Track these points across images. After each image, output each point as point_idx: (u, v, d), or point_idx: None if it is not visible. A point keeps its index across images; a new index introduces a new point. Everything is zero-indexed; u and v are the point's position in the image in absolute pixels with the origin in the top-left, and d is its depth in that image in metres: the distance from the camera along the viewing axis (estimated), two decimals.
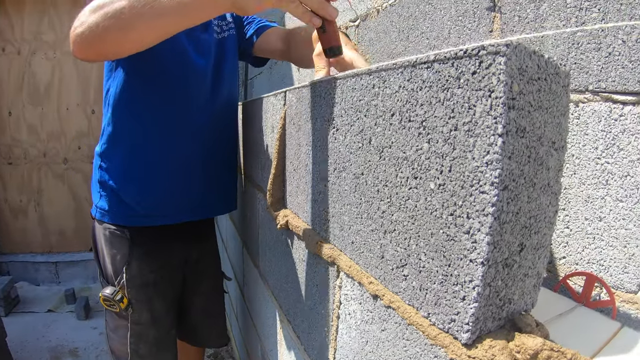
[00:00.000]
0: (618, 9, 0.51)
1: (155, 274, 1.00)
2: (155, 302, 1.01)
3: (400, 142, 0.35)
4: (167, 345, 1.07)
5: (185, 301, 1.17)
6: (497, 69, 0.25)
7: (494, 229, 0.27)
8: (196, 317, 1.21)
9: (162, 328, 1.04)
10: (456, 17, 0.70)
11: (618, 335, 0.42)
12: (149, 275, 0.99)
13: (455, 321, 0.30)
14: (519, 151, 0.27)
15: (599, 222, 0.52)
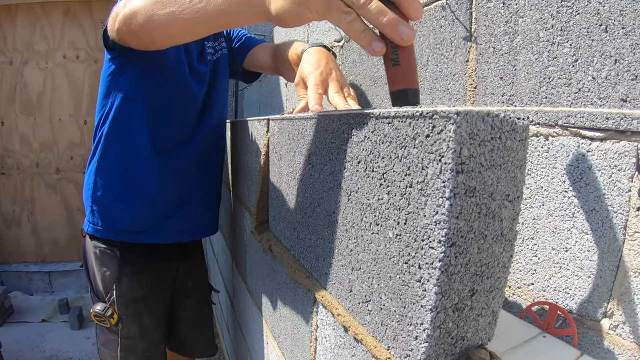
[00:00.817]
0: (589, 45, 0.53)
1: (144, 291, 1.02)
2: (145, 317, 1.03)
3: (364, 189, 0.37)
4: (156, 359, 1.09)
5: (173, 315, 1.19)
6: (447, 135, 0.28)
7: (442, 280, 0.29)
8: (184, 330, 1.23)
9: (151, 342, 1.06)
10: (434, 45, 0.72)
11: None
12: (138, 291, 1.01)
13: (409, 356, 0.33)
14: (467, 210, 0.29)
15: (565, 252, 0.54)
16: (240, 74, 1.16)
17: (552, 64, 0.54)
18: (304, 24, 0.51)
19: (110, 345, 1.01)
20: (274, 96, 1.65)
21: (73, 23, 2.84)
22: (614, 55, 0.50)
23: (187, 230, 1.09)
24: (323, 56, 0.73)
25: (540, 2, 0.55)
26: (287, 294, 0.65)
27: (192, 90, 0.97)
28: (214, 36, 1.06)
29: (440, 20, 0.69)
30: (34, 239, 2.95)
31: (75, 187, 2.94)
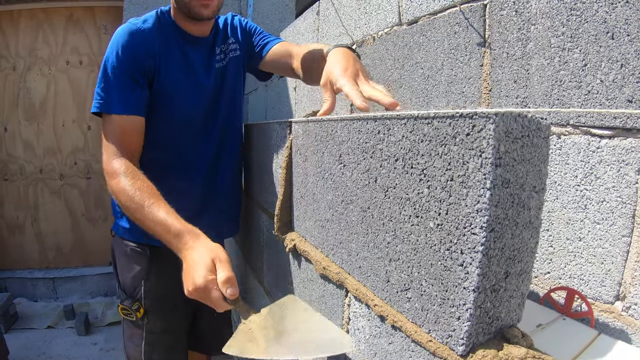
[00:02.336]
0: (597, 51, 0.57)
1: (171, 288, 1.05)
2: (170, 313, 1.07)
3: (403, 185, 0.41)
4: (178, 353, 1.13)
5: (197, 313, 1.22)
6: (487, 133, 0.31)
7: (483, 263, 0.33)
8: (204, 326, 1.26)
9: (174, 337, 1.10)
10: (449, 50, 0.76)
11: (595, 342, 0.48)
12: (165, 289, 1.05)
13: (452, 336, 0.36)
14: (504, 199, 0.33)
15: (579, 241, 0.58)
16: (257, 71, 1.16)
17: (563, 68, 0.58)
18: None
19: (135, 339, 1.05)
20: (281, 100, 1.69)
21: (76, 29, 2.86)
22: (620, 60, 0.54)
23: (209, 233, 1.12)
24: (350, 57, 0.75)
25: (552, 11, 0.59)
26: (315, 291, 0.68)
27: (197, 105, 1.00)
28: (223, 38, 1.06)
29: (454, 27, 0.73)
30: (38, 245, 2.95)
31: (80, 193, 2.95)
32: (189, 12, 0.90)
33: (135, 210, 0.79)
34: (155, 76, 0.91)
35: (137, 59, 0.87)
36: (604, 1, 0.56)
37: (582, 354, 0.45)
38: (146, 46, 0.88)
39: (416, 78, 0.83)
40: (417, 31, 0.83)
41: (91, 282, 2.92)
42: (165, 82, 0.93)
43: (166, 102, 0.94)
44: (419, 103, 0.82)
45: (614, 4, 0.55)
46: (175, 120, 0.98)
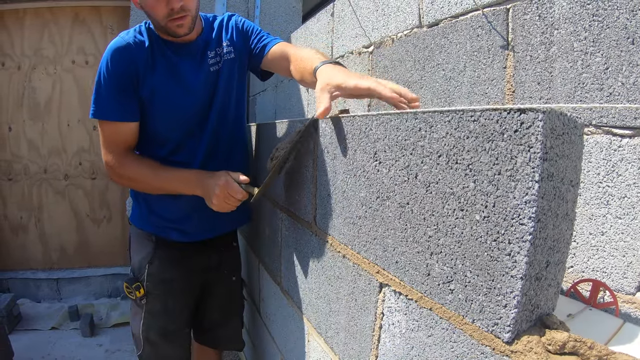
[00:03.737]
0: (619, 55, 0.60)
1: (172, 275, 1.14)
2: (169, 298, 1.14)
3: (447, 180, 0.43)
4: (177, 340, 1.19)
5: (203, 304, 1.27)
6: (535, 130, 0.33)
7: (530, 252, 0.35)
8: (212, 318, 1.30)
9: (172, 323, 1.16)
10: (471, 52, 0.79)
11: (621, 330, 0.50)
12: (166, 274, 1.13)
13: (498, 324, 0.38)
14: (548, 192, 0.35)
15: (601, 236, 0.60)
16: (258, 71, 1.18)
17: (586, 71, 0.61)
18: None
19: (136, 317, 1.15)
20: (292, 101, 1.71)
21: (82, 28, 2.87)
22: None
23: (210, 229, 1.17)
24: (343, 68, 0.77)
25: (574, 17, 0.62)
26: (342, 288, 0.70)
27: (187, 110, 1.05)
28: (217, 42, 1.08)
29: (477, 30, 0.75)
30: (41, 246, 2.94)
31: (84, 193, 2.95)
32: (167, 32, 0.96)
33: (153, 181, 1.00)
34: (139, 86, 0.98)
35: (124, 72, 0.95)
36: (625, 8, 0.59)
37: (612, 340, 0.48)
38: (130, 59, 0.96)
39: (437, 79, 0.85)
40: (438, 33, 0.85)
41: (95, 283, 2.91)
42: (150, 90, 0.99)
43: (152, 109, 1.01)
44: (441, 104, 0.84)
45: (635, 11, 0.58)
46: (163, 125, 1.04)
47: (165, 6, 0.89)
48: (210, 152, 1.09)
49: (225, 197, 0.92)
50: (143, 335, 1.14)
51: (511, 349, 0.37)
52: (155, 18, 0.93)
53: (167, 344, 1.17)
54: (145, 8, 0.92)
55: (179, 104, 1.02)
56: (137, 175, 1.00)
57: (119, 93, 0.96)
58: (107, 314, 2.68)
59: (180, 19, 0.92)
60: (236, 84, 1.11)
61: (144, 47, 0.98)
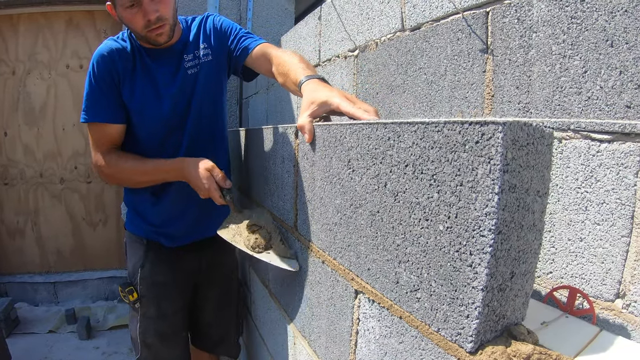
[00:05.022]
0: (597, 58, 0.59)
1: (164, 277, 1.16)
2: (163, 300, 1.16)
3: (413, 190, 0.42)
4: (173, 342, 1.20)
5: (197, 307, 1.28)
6: (495, 141, 0.33)
7: (491, 264, 0.34)
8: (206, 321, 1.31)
9: (167, 326, 1.18)
10: (452, 56, 0.78)
11: (597, 338, 0.50)
12: (158, 277, 1.15)
13: (461, 334, 0.38)
14: (510, 203, 0.35)
15: (580, 242, 0.60)
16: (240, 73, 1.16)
17: (564, 74, 0.60)
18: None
19: (133, 321, 1.17)
20: (283, 104, 1.70)
21: (76, 33, 2.87)
22: (619, 67, 0.56)
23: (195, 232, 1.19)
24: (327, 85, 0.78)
25: (553, 19, 0.61)
26: (322, 293, 0.70)
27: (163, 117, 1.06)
28: (194, 44, 1.08)
29: (457, 33, 0.75)
30: (38, 250, 2.94)
31: (80, 197, 2.95)
32: (147, 42, 1.00)
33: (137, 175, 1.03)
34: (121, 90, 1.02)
35: (106, 76, 1.00)
36: (604, 10, 0.58)
37: (585, 349, 0.47)
38: (111, 65, 1.00)
39: (419, 83, 0.84)
40: (420, 37, 0.85)
41: (92, 286, 2.92)
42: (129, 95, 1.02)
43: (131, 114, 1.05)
44: (423, 108, 0.84)
45: (613, 13, 0.57)
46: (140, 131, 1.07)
47: (143, 18, 0.92)
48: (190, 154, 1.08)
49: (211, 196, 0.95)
50: (140, 338, 1.16)
51: (475, 359, 0.37)
52: (134, 29, 0.96)
53: (164, 346, 1.18)
54: (124, 21, 0.95)
55: (154, 110, 1.05)
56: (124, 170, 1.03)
57: (103, 96, 1.00)
58: (104, 317, 2.68)
59: (158, 29, 0.95)
60: (214, 87, 1.12)
61: (126, 52, 1.01)
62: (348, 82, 1.13)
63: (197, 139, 1.11)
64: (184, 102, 1.07)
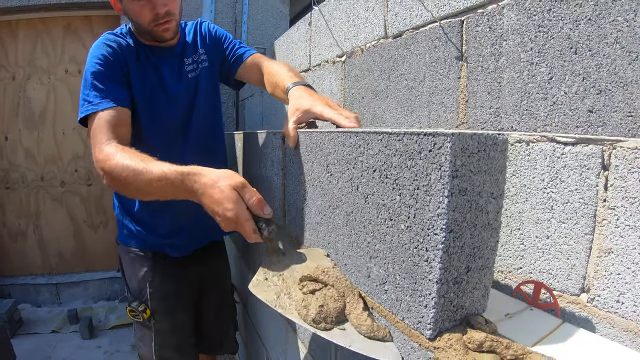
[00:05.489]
0: (562, 65, 0.63)
1: (174, 287, 1.13)
2: (176, 312, 1.14)
3: (380, 192, 0.46)
4: (188, 351, 1.19)
5: (199, 311, 1.29)
6: (445, 150, 0.37)
7: (444, 259, 0.38)
8: (208, 325, 1.32)
9: (182, 335, 1.16)
10: (430, 63, 0.82)
11: (558, 329, 0.53)
12: (169, 288, 1.11)
13: (421, 322, 0.42)
14: (461, 205, 0.38)
15: (547, 239, 0.64)
16: (231, 82, 1.19)
17: (531, 81, 0.64)
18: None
19: (145, 339, 1.12)
20: (277, 107, 1.74)
21: (74, 38, 2.91)
22: (582, 73, 0.60)
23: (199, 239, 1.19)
24: (312, 92, 0.81)
25: (521, 28, 0.65)
26: None
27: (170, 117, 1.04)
28: (193, 49, 1.09)
29: (434, 41, 0.78)
30: (40, 252, 2.99)
31: (81, 200, 3.00)
32: (152, 37, 0.97)
33: (134, 179, 0.76)
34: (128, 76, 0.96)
35: (115, 63, 0.93)
36: (569, 18, 0.62)
37: (545, 339, 0.51)
38: (121, 54, 0.95)
39: (401, 89, 0.88)
40: (401, 44, 0.88)
41: (94, 286, 2.96)
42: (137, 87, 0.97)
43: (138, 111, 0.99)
44: (404, 112, 0.87)
45: (578, 21, 0.61)
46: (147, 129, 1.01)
47: (151, 11, 0.91)
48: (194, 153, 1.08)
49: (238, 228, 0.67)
50: (157, 355, 1.11)
51: (434, 345, 0.41)
52: (141, 23, 0.93)
53: (181, 358, 1.16)
54: (129, 14, 0.93)
55: (163, 106, 1.03)
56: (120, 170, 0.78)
57: (112, 82, 0.91)
58: (106, 317, 2.72)
59: (166, 23, 0.94)
60: (212, 90, 1.14)
61: (130, 46, 0.98)
62: (336, 86, 1.17)
63: (200, 139, 1.10)
64: (188, 101, 1.07)
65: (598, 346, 0.49)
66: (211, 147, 1.16)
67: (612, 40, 0.56)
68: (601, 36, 0.58)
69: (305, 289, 0.57)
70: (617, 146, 0.56)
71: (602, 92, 0.58)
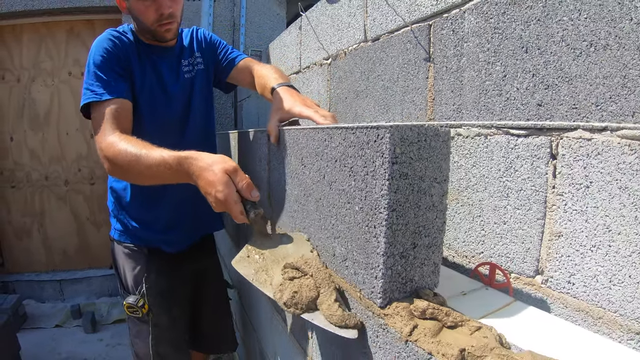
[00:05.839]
0: (514, 63, 0.69)
1: (170, 283, 1.16)
2: (172, 307, 1.17)
3: (340, 180, 0.52)
4: (183, 348, 1.22)
5: (196, 309, 1.31)
6: (385, 140, 0.43)
7: (388, 234, 0.44)
8: (206, 323, 1.35)
9: (178, 331, 1.19)
10: (402, 64, 0.88)
11: (508, 307, 0.59)
12: (165, 283, 1.14)
13: (373, 292, 0.48)
14: (403, 187, 0.45)
15: (504, 225, 0.70)
16: (223, 85, 1.26)
17: (488, 79, 0.70)
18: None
19: (142, 334, 1.14)
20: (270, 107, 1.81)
21: (77, 41, 3.00)
22: (532, 70, 0.66)
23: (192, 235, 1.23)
24: (294, 92, 0.88)
25: (480, 30, 0.71)
26: None
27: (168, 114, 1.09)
28: (189, 52, 1.16)
29: (406, 44, 0.85)
30: (44, 249, 3.07)
31: (84, 198, 3.08)
32: (153, 37, 1.03)
33: (136, 163, 0.82)
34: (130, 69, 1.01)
35: (118, 57, 0.98)
36: (520, 20, 0.67)
37: (493, 313, 0.57)
38: (124, 49, 1.00)
39: (378, 89, 0.94)
40: (378, 47, 0.94)
41: (96, 283, 3.04)
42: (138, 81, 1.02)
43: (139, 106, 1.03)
44: (381, 111, 0.94)
45: (528, 22, 0.67)
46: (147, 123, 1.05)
47: (155, 12, 0.97)
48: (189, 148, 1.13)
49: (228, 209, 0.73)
50: (153, 350, 1.13)
51: (384, 312, 0.47)
52: (145, 22, 0.99)
53: (176, 353, 1.19)
54: (134, 13, 0.99)
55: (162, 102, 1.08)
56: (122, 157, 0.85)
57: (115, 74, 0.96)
58: (108, 312, 2.80)
59: (168, 24, 1.00)
60: (206, 91, 1.20)
61: (132, 43, 1.04)
62: (323, 87, 1.24)
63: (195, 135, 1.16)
64: (185, 100, 1.13)
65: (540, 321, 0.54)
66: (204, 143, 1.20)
67: (558, 38, 0.62)
68: (549, 35, 0.64)
69: (286, 275, 0.60)
70: (563, 136, 0.62)
71: (550, 87, 0.63)
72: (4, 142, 2.98)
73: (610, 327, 0.60)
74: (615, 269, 0.58)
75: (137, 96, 1.03)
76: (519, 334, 0.49)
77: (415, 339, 0.44)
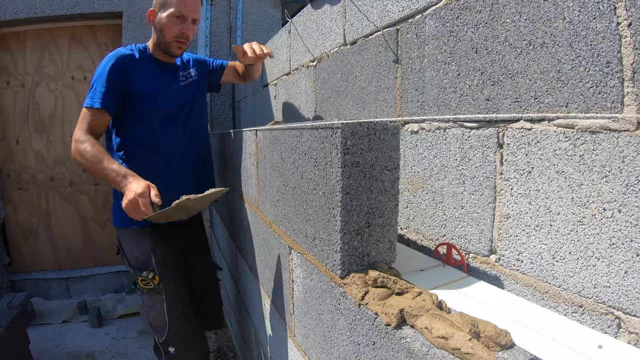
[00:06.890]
0: (466, 63, 0.77)
1: (171, 255, 1.33)
2: (177, 276, 1.33)
3: (309, 170, 0.61)
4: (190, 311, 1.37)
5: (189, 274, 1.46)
6: (337, 134, 0.52)
7: (343, 214, 0.53)
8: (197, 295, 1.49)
9: (186, 296, 1.35)
10: (376, 66, 0.96)
11: (459, 281, 0.68)
12: (168, 255, 1.31)
13: (335, 265, 0.57)
14: (355, 174, 0.53)
15: (461, 209, 0.78)
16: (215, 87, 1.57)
17: (445, 77, 0.79)
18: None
19: (157, 304, 1.28)
20: (265, 107, 1.90)
21: (79, 46, 3.09)
22: (481, 68, 0.74)
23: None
24: None
25: (438, 33, 0.79)
26: (273, 255, 0.89)
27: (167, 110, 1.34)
28: (184, 67, 1.43)
29: (379, 47, 0.93)
30: (51, 248, 3.18)
31: (89, 198, 3.18)
32: (166, 49, 1.28)
33: (96, 163, 1.12)
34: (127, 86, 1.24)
35: (117, 74, 1.21)
36: (471, 24, 0.75)
37: (444, 286, 0.65)
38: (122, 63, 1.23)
39: (356, 89, 1.03)
40: (356, 50, 1.03)
41: (102, 280, 3.15)
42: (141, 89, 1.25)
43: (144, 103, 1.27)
44: (358, 109, 1.02)
45: (477, 25, 0.74)
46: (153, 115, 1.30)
47: (178, 30, 1.22)
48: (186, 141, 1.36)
49: (135, 204, 1.02)
50: (169, 314, 1.27)
51: (343, 282, 0.56)
52: (166, 35, 1.24)
53: (188, 318, 1.34)
54: (160, 25, 1.23)
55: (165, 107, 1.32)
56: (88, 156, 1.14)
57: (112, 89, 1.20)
58: (114, 307, 2.90)
59: (182, 43, 1.27)
60: (200, 96, 1.46)
61: (134, 58, 1.28)
62: (310, 88, 1.32)
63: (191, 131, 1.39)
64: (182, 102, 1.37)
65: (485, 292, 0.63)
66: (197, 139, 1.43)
67: (502, 39, 0.69)
68: (495, 36, 0.71)
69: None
70: (508, 127, 0.70)
71: (496, 83, 0.71)
72: (10, 146, 3.08)
73: (556, 300, 0.67)
74: (557, 247, 0.66)
75: (142, 96, 1.26)
76: (461, 302, 0.57)
77: (366, 303, 0.52)
